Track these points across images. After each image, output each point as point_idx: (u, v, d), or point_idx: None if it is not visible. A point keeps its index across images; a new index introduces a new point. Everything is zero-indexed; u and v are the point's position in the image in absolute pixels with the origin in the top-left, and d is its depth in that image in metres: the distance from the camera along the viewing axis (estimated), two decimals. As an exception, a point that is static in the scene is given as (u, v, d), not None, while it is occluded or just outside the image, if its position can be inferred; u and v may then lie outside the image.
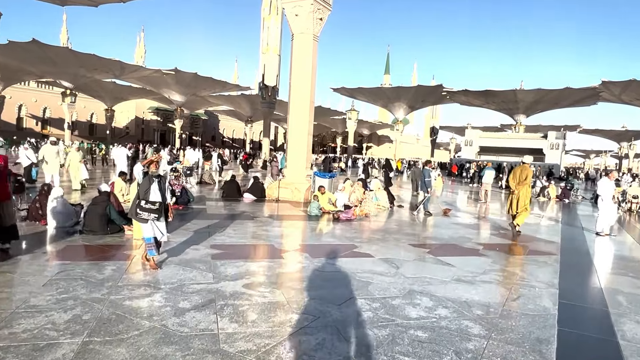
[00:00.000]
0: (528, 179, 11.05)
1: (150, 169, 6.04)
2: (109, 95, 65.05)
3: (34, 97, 69.81)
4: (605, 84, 52.49)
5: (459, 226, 11.57)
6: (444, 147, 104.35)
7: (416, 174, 19.47)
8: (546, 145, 51.96)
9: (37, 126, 70.68)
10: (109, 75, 54.07)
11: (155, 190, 6.01)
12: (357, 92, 62.02)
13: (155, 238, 6.10)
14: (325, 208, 12.68)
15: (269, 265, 6.56)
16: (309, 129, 15.56)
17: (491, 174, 19.70)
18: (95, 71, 51.73)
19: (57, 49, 45.13)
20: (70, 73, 50.52)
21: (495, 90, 56.30)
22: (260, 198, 15.21)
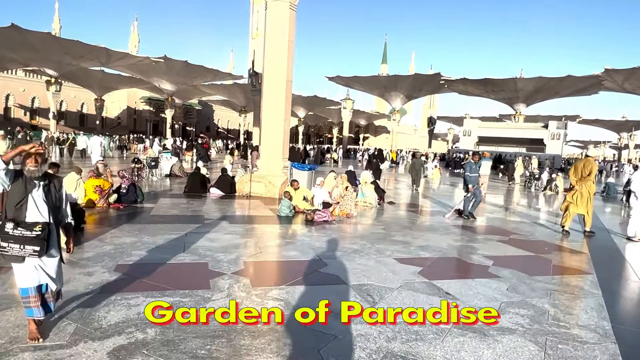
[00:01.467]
0: (592, 174, 9.34)
1: (27, 167, 3.40)
2: (98, 84, 62.45)
3: (21, 86, 67.13)
4: (608, 72, 50.04)
5: (459, 230, 9.34)
6: (442, 137, 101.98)
7: (416, 167, 17.21)
8: (547, 136, 49.71)
9: (25, 116, 68.02)
10: (96, 63, 51.51)
11: (36, 203, 3.43)
12: (353, 80, 59.50)
13: (40, 287, 3.54)
14: (299, 207, 10.44)
15: (179, 303, 4.31)
16: (286, 113, 13.25)
17: (487, 165, 17.67)
18: (81, 59, 49.14)
19: (38, 34, 42.45)
20: (54, 60, 47.97)
21: (495, 78, 53.86)
22: (229, 194, 12.96)
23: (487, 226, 10.14)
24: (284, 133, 13.30)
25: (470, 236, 8.67)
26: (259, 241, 7.23)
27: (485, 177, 17.61)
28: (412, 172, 17.53)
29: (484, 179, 17.54)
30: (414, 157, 18.24)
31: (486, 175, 17.86)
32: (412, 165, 17.83)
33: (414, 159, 18.14)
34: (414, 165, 17.65)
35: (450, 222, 10.23)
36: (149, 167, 15.83)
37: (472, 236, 8.70)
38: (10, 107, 67.56)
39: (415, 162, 17.88)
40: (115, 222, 8.17)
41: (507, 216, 11.97)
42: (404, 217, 10.72)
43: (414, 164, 17.84)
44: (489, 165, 18.28)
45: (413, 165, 17.81)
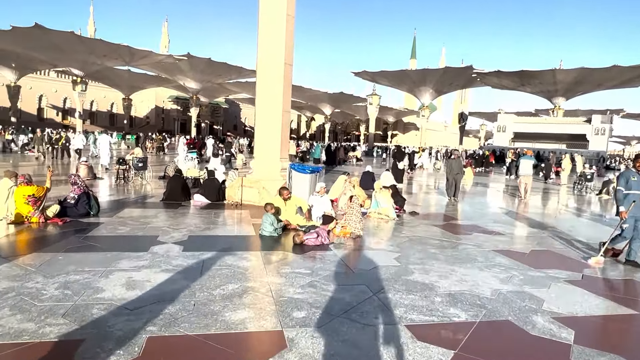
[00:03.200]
0: None
1: None
2: (125, 83, 61.84)
3: (54, 87, 67.41)
4: (659, 61, 45.07)
5: (505, 258, 6.55)
6: (474, 134, 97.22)
7: (454, 170, 13.14)
8: (590, 131, 45.19)
9: (57, 116, 68.39)
10: (120, 62, 50.50)
11: None
12: (380, 76, 56.45)
13: None
14: (291, 223, 7.90)
15: None
16: (284, 104, 10.70)
17: (529, 164, 14.68)
18: (105, 58, 48.22)
19: (61, 33, 41.55)
20: (79, 60, 47.18)
21: (532, 70, 49.70)
22: (216, 201, 10.56)
23: (543, 252, 7.28)
24: (282, 128, 10.77)
25: (523, 270, 5.89)
26: (202, 287, 4.71)
27: (527, 178, 14.64)
28: (450, 176, 13.30)
29: (527, 179, 14.62)
30: (450, 157, 14.09)
31: (528, 175, 14.81)
32: (449, 168, 13.47)
33: (452, 160, 13.76)
34: (452, 168, 13.31)
35: (486, 242, 7.44)
36: (135, 168, 13.61)
37: (526, 271, 5.91)
38: (43, 108, 68.03)
39: (454, 164, 13.39)
40: (29, 247, 5.87)
41: (569, 231, 9.04)
42: (429, 235, 7.99)
43: (451, 166, 13.40)
44: (530, 164, 15.19)
45: (450, 167, 13.42)
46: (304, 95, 68.96)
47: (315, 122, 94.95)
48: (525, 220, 10.45)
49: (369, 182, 14.96)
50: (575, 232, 8.99)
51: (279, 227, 7.39)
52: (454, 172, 13.17)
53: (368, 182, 14.98)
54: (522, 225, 9.78)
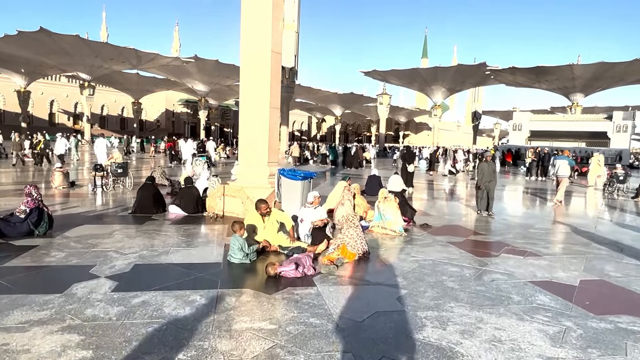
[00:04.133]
0: None
1: None
2: (135, 87, 60.98)
3: (65, 92, 66.93)
4: (684, 54, 42.41)
5: (551, 298, 4.80)
6: (487, 133, 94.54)
7: (486, 176, 10.36)
8: (611, 128, 42.67)
9: (69, 121, 67.90)
10: (127, 65, 49.53)
11: None
12: (391, 75, 54.49)
13: None
14: (272, 244, 6.26)
15: None
16: (272, 99, 9.05)
17: (566, 165, 12.94)
18: (112, 61, 47.28)
19: (66, 37, 40.64)
20: (85, 64, 46.31)
21: (548, 66, 47.28)
22: (195, 213, 8.98)
23: (597, 283, 5.49)
24: (271, 128, 9.11)
25: (579, 318, 4.14)
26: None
27: (564, 180, 12.89)
28: (482, 184, 10.34)
29: (564, 182, 12.89)
30: (482, 160, 11.12)
31: (565, 177, 13.09)
32: (481, 173, 10.52)
33: (483, 163, 10.68)
34: (483, 173, 10.41)
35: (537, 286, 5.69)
36: (114, 175, 12.10)
37: (584, 319, 4.15)
38: (54, 113, 67.61)
39: (485, 169, 10.46)
40: None
41: (618, 248, 7.20)
42: (444, 259, 6.26)
43: (482, 171, 10.49)
44: (567, 165, 13.44)
45: (482, 172, 10.48)
46: (314, 96, 67.41)
47: (326, 124, 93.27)
48: (560, 234, 8.62)
49: (376, 188, 13.20)
50: (628, 250, 7.16)
51: (252, 252, 5.73)
52: (486, 179, 10.33)
53: (374, 188, 13.24)
54: (558, 240, 7.97)
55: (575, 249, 7.19)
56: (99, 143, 20.36)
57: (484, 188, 10.33)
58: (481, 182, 10.40)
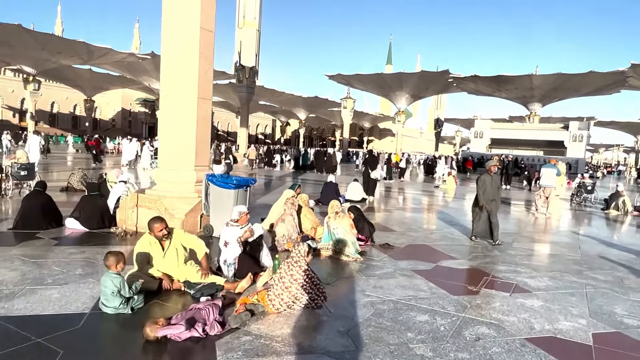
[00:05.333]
0: None
1: None
2: (87, 84, 57.02)
3: (10, 87, 61.98)
4: (634, 67, 43.52)
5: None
6: (449, 140, 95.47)
7: (488, 193, 7.78)
8: (568, 138, 43.08)
9: (14, 118, 62.88)
10: (77, 60, 45.98)
11: None
12: (355, 79, 53.37)
13: None
14: (175, 279, 4.45)
15: None
16: (202, 90, 7.22)
17: (552, 174, 11.85)
18: (60, 55, 43.67)
19: (7, 26, 36.93)
20: (29, 56, 42.54)
21: (509, 75, 47.54)
22: (100, 228, 7.01)
23: (615, 338, 4.02)
24: (200, 123, 7.27)
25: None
26: None
27: (549, 190, 11.80)
28: (483, 202, 7.77)
29: (549, 191, 11.84)
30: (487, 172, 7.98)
31: (552, 187, 11.99)
32: (482, 187, 7.81)
33: (486, 176, 7.93)
34: (485, 189, 7.77)
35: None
36: (16, 177, 9.86)
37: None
38: (-2, 109, 62.50)
39: (488, 182, 7.82)
40: None
41: (619, 277, 5.83)
42: (410, 298, 4.66)
43: (484, 186, 7.80)
44: (554, 174, 12.33)
45: (483, 187, 7.80)
46: (277, 98, 65.50)
47: (290, 127, 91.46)
48: (543, 256, 7.22)
49: (332, 197, 11.55)
50: (628, 280, 5.80)
51: (139, 299, 3.91)
52: (488, 197, 7.74)
53: (331, 197, 11.57)
54: (544, 265, 6.53)
55: (568, 279, 5.75)
56: (32, 141, 17.79)
57: (485, 209, 7.78)
58: (482, 200, 7.76)
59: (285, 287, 4.06)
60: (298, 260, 4.16)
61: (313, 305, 4.11)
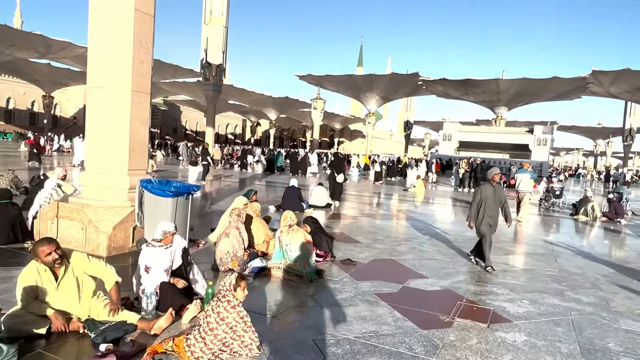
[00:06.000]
0: None
1: None
2: (46, 79, 53.98)
3: (-39, 81, 58.04)
4: (595, 74, 44.70)
5: None
6: (418, 143, 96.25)
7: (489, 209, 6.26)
8: (532, 141, 43.74)
9: (-36, 114, 58.95)
10: (33, 54, 43.39)
11: None
12: (326, 80, 52.68)
13: None
14: (75, 317, 3.43)
15: None
16: (136, 82, 6.18)
17: (528, 179, 11.40)
18: (14, 47, 41.01)
19: (-47, 15, 34.23)
20: (-21, 48, 39.77)
21: (476, 79, 48.00)
22: (10, 243, 5.87)
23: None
24: (134, 120, 6.23)
25: None
26: None
27: (526, 196, 11.33)
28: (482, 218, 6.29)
29: (525, 197, 11.41)
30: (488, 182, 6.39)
31: (527, 192, 11.54)
32: (482, 200, 6.29)
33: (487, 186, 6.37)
34: (485, 202, 6.27)
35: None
36: None
37: None
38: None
39: (490, 196, 6.28)
40: None
41: (614, 307, 5.21)
42: (373, 341, 3.84)
43: (484, 198, 6.29)
44: (529, 179, 11.92)
45: (483, 199, 6.28)
46: (247, 98, 64.05)
47: (261, 127, 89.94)
48: (519, 272, 6.53)
49: (294, 203, 10.71)
50: (613, 302, 5.16)
51: (9, 353, 2.90)
52: (490, 213, 6.23)
53: (293, 203, 10.71)
54: (521, 283, 5.84)
55: (550, 302, 5.05)
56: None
57: (485, 228, 6.23)
58: (473, 218, 6.29)
59: (210, 329, 3.14)
60: (226, 294, 3.24)
61: (246, 352, 3.21)
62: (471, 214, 6.37)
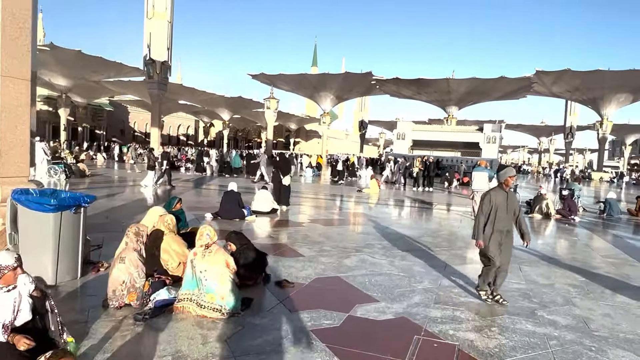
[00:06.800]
0: None
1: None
2: (-27, 77, 49.28)
3: None
4: (538, 74, 46.29)
5: None
6: (373, 142, 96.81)
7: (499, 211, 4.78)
8: (482, 139, 44.53)
9: None
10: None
11: None
12: (279, 79, 51.43)
13: None
14: None
15: None
16: (5, 62, 4.80)
17: (484, 177, 10.74)
18: None
19: None
20: None
21: (428, 79, 48.49)
22: None
23: None
24: (6, 114, 4.83)
25: None
26: None
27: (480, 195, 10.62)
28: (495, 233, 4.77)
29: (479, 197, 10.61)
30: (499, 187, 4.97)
31: (483, 190, 10.84)
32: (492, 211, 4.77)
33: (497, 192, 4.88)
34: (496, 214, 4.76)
35: None
36: None
37: None
38: None
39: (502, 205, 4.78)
40: None
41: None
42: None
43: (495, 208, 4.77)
44: (485, 177, 11.25)
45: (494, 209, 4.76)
46: (198, 98, 61.51)
47: (214, 129, 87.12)
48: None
49: (233, 210, 9.49)
50: (594, 322, 4.37)
51: None
52: (501, 227, 4.80)
53: (232, 210, 9.49)
54: (501, 307, 4.97)
55: (523, 327, 4.17)
56: None
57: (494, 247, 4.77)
58: (480, 234, 4.79)
59: None
60: None
61: None
62: (478, 229, 4.81)
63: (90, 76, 48.79)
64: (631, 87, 44.63)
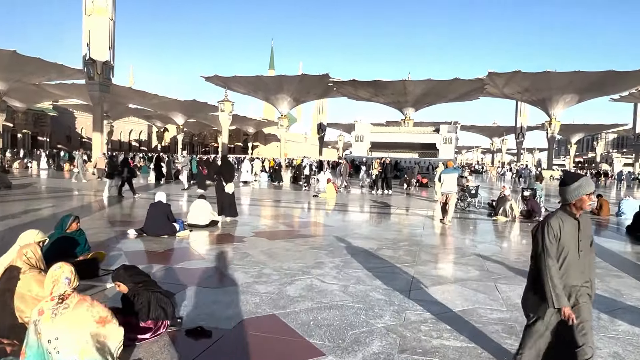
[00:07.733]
0: None
1: None
2: None
3: None
4: (490, 76, 47.06)
5: None
6: (332, 145, 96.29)
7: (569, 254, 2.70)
8: (439, 140, 44.60)
9: None
10: None
11: None
12: (234, 81, 49.64)
13: None
14: None
15: None
16: None
17: (453, 179, 9.92)
18: None
19: None
20: None
21: (385, 80, 48.19)
22: None
23: None
24: None
25: None
26: None
27: (452, 196, 9.89)
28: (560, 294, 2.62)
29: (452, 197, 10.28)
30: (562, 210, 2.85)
31: (453, 192, 10.06)
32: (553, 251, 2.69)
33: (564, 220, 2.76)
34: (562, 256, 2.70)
35: None
36: None
37: None
38: None
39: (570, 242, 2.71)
40: None
41: None
42: None
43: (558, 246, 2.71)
44: (455, 178, 10.47)
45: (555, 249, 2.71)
46: (150, 102, 58.47)
47: (169, 133, 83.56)
48: (461, 319, 4.53)
49: (162, 225, 7.97)
50: None
51: None
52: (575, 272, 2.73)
53: (160, 224, 7.96)
54: (484, 354, 3.82)
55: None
56: None
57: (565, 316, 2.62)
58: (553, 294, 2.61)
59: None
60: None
61: None
62: (552, 284, 2.64)
63: (29, 79, 44.97)
64: (577, 88, 46.16)
